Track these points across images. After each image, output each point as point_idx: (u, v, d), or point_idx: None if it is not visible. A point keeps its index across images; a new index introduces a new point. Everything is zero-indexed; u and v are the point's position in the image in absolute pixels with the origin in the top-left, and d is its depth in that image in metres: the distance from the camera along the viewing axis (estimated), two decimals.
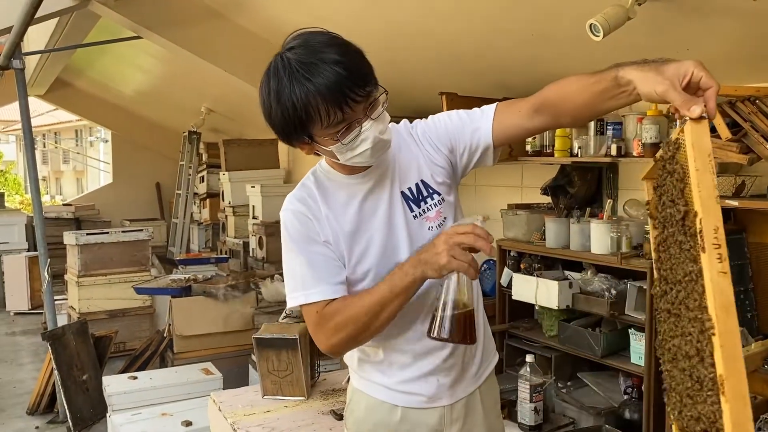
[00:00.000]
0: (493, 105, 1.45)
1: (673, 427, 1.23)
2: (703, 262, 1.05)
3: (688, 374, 1.12)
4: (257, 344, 2.25)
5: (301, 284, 1.38)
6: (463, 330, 1.30)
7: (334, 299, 1.36)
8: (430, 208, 1.42)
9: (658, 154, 1.23)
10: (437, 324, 1.29)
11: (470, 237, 1.24)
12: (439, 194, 1.44)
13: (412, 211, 1.42)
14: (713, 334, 1.03)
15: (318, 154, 1.39)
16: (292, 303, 1.41)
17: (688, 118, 1.08)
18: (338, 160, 1.33)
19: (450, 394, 1.48)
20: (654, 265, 1.26)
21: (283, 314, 2.49)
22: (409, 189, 1.42)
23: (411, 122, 1.50)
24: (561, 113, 1.35)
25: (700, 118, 1.08)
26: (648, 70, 1.15)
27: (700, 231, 1.05)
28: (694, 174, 1.07)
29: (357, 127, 1.27)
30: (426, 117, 1.51)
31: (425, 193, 1.43)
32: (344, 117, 1.25)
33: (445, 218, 1.44)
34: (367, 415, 1.50)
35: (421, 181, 1.43)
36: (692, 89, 1.11)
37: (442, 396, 1.47)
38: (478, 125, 1.43)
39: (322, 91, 1.22)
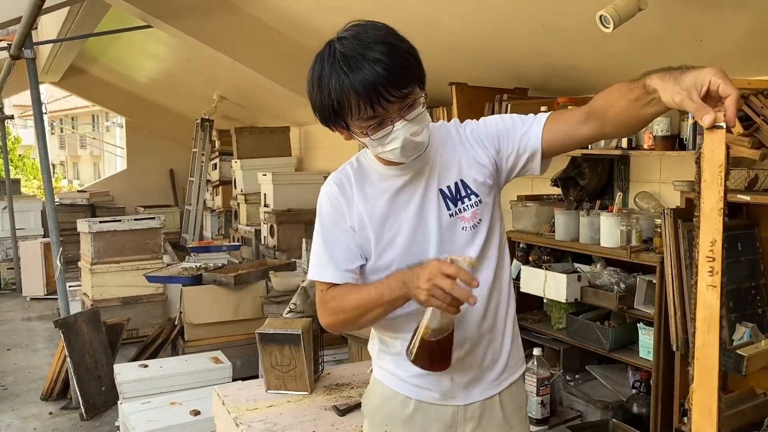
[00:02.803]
0: (548, 113, 1.46)
1: None
2: (698, 273, 1.06)
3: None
4: (260, 339, 2.25)
5: (316, 262, 1.46)
6: (429, 357, 1.32)
7: (337, 284, 1.43)
8: (466, 208, 1.43)
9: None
10: (411, 346, 1.32)
11: (449, 283, 1.22)
12: (477, 195, 1.44)
13: (449, 209, 1.42)
14: (693, 346, 1.05)
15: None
16: (309, 275, 1.51)
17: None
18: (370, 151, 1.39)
19: (464, 395, 1.48)
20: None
21: (287, 309, 2.50)
22: (448, 187, 1.43)
23: (461, 122, 1.51)
24: (605, 122, 1.34)
25: (715, 127, 1.08)
26: (668, 80, 1.16)
27: (697, 242, 1.05)
28: (702, 185, 1.09)
29: (389, 126, 1.30)
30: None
31: (463, 193, 1.43)
32: (375, 114, 1.28)
33: (480, 220, 1.44)
34: (382, 404, 1.52)
35: (461, 180, 1.44)
36: (712, 98, 1.11)
37: (456, 395, 1.47)
38: (528, 129, 1.43)
39: (356, 87, 1.25)
